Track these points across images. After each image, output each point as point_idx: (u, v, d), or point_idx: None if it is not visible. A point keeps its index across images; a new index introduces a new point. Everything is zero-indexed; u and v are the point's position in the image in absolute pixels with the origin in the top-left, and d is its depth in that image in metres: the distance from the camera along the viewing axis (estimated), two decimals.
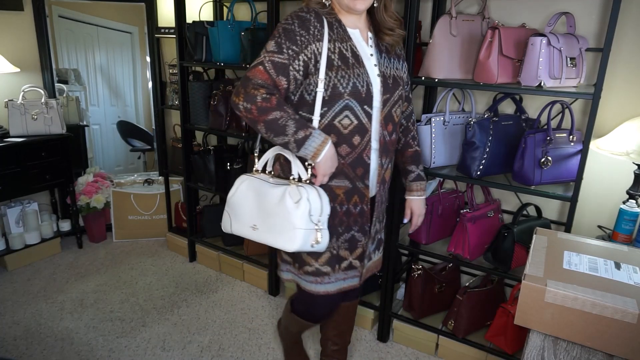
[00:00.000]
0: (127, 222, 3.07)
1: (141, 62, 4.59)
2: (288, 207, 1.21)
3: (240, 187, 1.31)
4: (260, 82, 1.16)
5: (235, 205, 1.31)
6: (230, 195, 1.32)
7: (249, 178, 1.31)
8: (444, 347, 1.95)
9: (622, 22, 1.55)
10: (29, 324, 2.14)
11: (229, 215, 1.33)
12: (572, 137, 1.62)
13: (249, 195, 1.29)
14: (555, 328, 0.93)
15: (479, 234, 1.79)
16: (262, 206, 1.26)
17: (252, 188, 1.29)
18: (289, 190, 1.22)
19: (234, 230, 1.33)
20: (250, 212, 1.29)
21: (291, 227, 1.21)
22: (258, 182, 1.30)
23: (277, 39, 1.18)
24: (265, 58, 1.17)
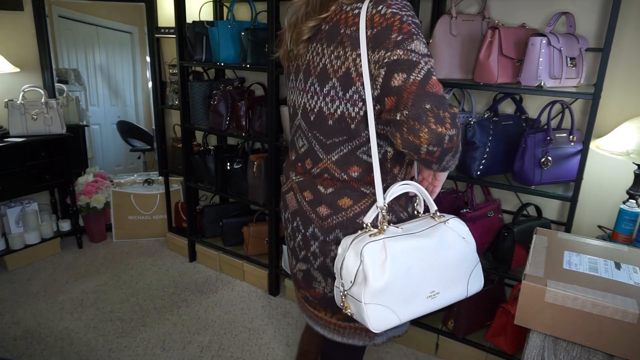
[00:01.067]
0: (127, 222, 3.07)
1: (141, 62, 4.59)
2: (462, 248, 0.98)
3: (388, 261, 0.88)
4: (442, 95, 0.85)
5: (393, 287, 0.89)
6: (376, 278, 0.88)
7: (385, 241, 0.90)
8: (444, 347, 1.95)
9: (622, 22, 1.55)
10: (29, 324, 2.13)
11: (386, 307, 0.90)
12: (572, 137, 1.62)
13: (405, 264, 0.91)
14: (555, 328, 0.93)
15: (479, 234, 1.79)
16: (431, 267, 0.94)
17: (402, 254, 0.90)
18: (453, 228, 0.99)
19: (405, 317, 0.93)
20: (421, 282, 0.93)
21: (472, 266, 1.00)
22: (403, 240, 0.92)
23: (421, 39, 0.87)
24: (428, 64, 0.86)
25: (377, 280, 0.87)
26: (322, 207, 1.03)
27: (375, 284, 0.87)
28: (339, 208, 1.01)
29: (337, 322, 1.12)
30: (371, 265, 0.87)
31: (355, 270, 0.89)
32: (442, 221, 0.98)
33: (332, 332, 1.13)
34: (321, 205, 1.03)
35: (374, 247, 0.88)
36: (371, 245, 0.88)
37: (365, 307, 0.88)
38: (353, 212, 1.00)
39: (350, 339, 1.13)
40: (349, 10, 0.92)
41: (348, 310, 0.93)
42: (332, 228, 1.02)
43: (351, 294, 0.90)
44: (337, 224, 1.01)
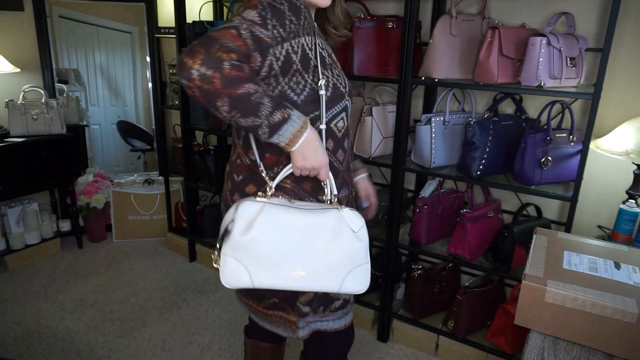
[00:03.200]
0: (127, 222, 3.07)
1: (141, 62, 4.59)
2: (349, 240, 0.94)
3: (258, 220, 0.90)
4: (232, 47, 0.84)
5: (254, 246, 0.90)
6: (240, 232, 0.90)
7: (265, 205, 0.92)
8: (444, 347, 1.95)
9: (622, 22, 1.55)
10: (29, 324, 2.14)
11: (241, 263, 0.91)
12: (572, 137, 1.62)
13: (277, 230, 0.91)
14: (555, 328, 0.93)
15: (479, 234, 1.79)
16: (304, 244, 0.92)
17: (278, 220, 0.91)
18: (345, 217, 0.95)
19: (259, 283, 0.93)
20: (287, 254, 0.92)
21: (356, 264, 0.96)
22: (285, 210, 0.93)
23: (260, 11, 0.89)
24: (242, 25, 0.87)
25: (240, 234, 0.89)
26: (237, 196, 1.06)
27: (237, 237, 0.90)
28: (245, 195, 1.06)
29: (264, 310, 1.15)
30: (241, 219, 0.90)
31: (227, 221, 0.92)
32: (336, 207, 0.96)
33: (262, 319, 1.17)
34: (235, 194, 1.07)
35: (251, 205, 0.92)
36: (249, 203, 0.92)
37: (223, 258, 0.91)
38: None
39: (277, 328, 1.15)
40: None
41: (216, 264, 0.94)
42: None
43: (219, 245, 0.93)
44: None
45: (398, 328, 2.05)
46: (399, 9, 2.00)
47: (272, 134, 0.89)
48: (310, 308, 1.11)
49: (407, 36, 1.69)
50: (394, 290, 2.13)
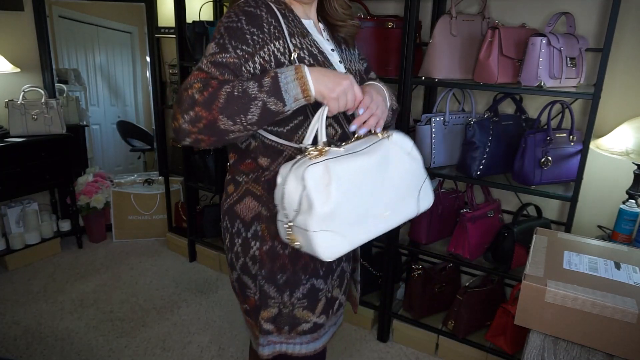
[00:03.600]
0: (127, 222, 3.07)
1: (141, 62, 4.59)
2: (408, 163, 0.95)
3: (333, 182, 0.81)
4: (192, 81, 0.85)
5: (341, 209, 0.83)
6: (321, 203, 0.80)
7: (327, 163, 0.82)
8: (444, 347, 1.95)
9: (622, 22, 1.55)
10: (29, 324, 2.14)
11: (334, 232, 0.83)
12: (572, 137, 1.62)
13: (353, 184, 0.84)
14: (555, 328, 0.93)
15: (479, 234, 1.79)
16: (379, 185, 0.89)
17: (348, 173, 0.84)
18: (397, 143, 0.94)
19: (357, 241, 0.88)
20: (371, 201, 0.88)
21: (420, 181, 0.97)
22: (347, 160, 0.85)
23: (218, 40, 0.89)
24: (203, 61, 0.88)
25: (323, 205, 0.80)
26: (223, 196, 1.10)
27: (322, 209, 0.80)
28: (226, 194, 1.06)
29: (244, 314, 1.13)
30: (315, 189, 0.79)
31: (298, 197, 0.81)
32: (385, 137, 0.92)
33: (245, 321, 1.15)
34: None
35: (316, 170, 0.80)
36: (313, 168, 0.80)
37: (313, 236, 0.80)
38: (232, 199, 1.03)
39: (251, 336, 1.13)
40: None
41: (296, 242, 0.84)
42: (223, 214, 1.07)
43: (297, 225, 0.82)
44: (224, 211, 1.06)
45: (398, 328, 2.05)
46: (399, 9, 2.00)
47: (281, 99, 0.82)
48: (273, 326, 1.04)
49: (407, 36, 1.69)
50: (394, 290, 2.13)
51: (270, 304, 1.03)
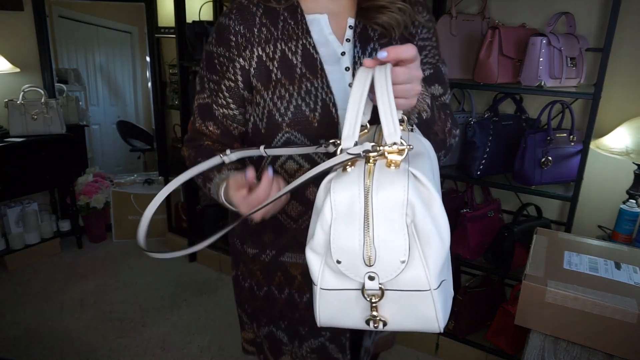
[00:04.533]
0: (127, 222, 3.06)
1: (141, 62, 4.59)
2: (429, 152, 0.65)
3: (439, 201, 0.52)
4: (187, 137, 0.90)
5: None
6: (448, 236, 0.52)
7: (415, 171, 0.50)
8: (444, 347, 1.95)
9: (622, 22, 1.55)
10: (29, 324, 2.13)
11: (447, 282, 0.54)
12: (572, 137, 1.62)
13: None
14: (555, 328, 0.93)
15: (479, 234, 1.79)
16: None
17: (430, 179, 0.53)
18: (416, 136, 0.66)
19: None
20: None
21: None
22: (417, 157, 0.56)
23: (200, 72, 0.87)
24: (194, 104, 0.89)
25: (443, 239, 0.50)
26: None
27: (443, 244, 0.50)
28: None
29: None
30: (429, 215, 0.49)
31: (405, 235, 0.48)
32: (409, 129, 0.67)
33: None
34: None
35: (414, 184, 0.49)
36: (413, 182, 0.49)
37: (433, 296, 0.50)
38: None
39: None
40: None
41: (381, 320, 0.52)
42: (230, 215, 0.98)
43: (399, 287, 0.50)
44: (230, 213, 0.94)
45: None
46: None
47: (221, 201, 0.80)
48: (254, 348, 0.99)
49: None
50: None
51: (246, 328, 1.01)
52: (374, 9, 0.81)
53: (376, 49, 0.82)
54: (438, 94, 0.86)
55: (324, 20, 0.83)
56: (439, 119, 0.78)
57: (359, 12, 0.83)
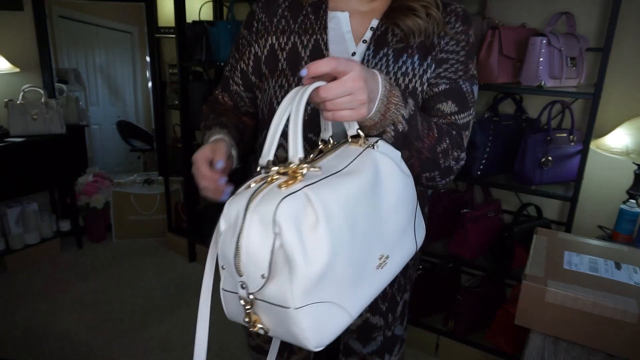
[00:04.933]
0: (127, 222, 3.06)
1: (141, 62, 4.59)
2: (400, 180, 0.66)
3: (324, 223, 0.51)
4: (210, 99, 0.99)
5: (333, 264, 0.53)
6: (305, 260, 0.50)
7: (307, 191, 0.52)
8: (444, 347, 1.95)
9: (622, 22, 1.55)
10: (29, 324, 2.13)
11: (329, 302, 0.54)
12: (573, 137, 1.62)
13: (344, 219, 0.55)
14: (555, 328, 0.93)
15: (479, 234, 1.79)
16: (374, 215, 0.61)
17: (335, 201, 0.54)
18: (379, 157, 0.64)
19: (356, 309, 0.59)
20: (366, 244, 0.59)
21: (413, 206, 0.70)
22: (330, 183, 0.55)
23: (233, 46, 0.95)
24: (226, 68, 0.96)
25: (311, 263, 0.50)
26: None
27: (310, 269, 0.49)
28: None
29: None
30: (296, 237, 0.49)
31: (267, 253, 0.49)
32: (369, 145, 0.63)
33: None
34: None
35: (294, 205, 0.49)
36: (289, 202, 0.49)
37: (297, 315, 0.50)
38: None
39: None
40: None
41: (259, 325, 0.54)
42: None
43: (266, 298, 0.51)
44: None
45: None
46: None
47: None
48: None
49: None
50: None
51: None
52: (402, 10, 0.79)
53: (388, 54, 0.80)
54: (449, 112, 0.81)
55: (344, 18, 0.82)
56: (428, 136, 0.73)
57: (387, 12, 0.82)
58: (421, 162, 0.74)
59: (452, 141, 0.78)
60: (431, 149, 0.74)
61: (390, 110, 0.66)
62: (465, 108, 0.83)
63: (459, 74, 0.82)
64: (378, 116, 0.65)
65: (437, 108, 0.81)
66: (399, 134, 0.70)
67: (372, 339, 0.93)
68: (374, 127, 0.66)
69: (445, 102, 0.81)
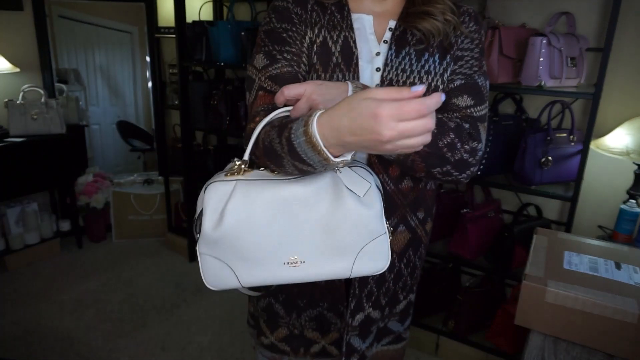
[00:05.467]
0: (127, 222, 3.06)
1: (141, 62, 4.59)
2: (354, 209, 0.69)
3: (231, 206, 0.69)
4: (261, 109, 0.79)
5: (232, 239, 0.70)
6: (212, 225, 0.69)
7: (237, 184, 0.70)
8: (444, 347, 1.95)
9: (622, 22, 1.55)
10: (29, 324, 2.13)
11: (222, 261, 0.73)
12: (573, 137, 1.62)
13: (257, 214, 0.69)
14: (555, 328, 0.93)
15: (479, 234, 1.79)
16: (295, 223, 0.70)
17: (256, 200, 0.69)
18: (343, 179, 0.70)
19: (248, 281, 0.74)
20: (276, 240, 0.70)
21: (368, 237, 0.72)
22: (264, 185, 0.70)
23: (263, 49, 0.82)
24: (261, 79, 0.81)
25: (211, 229, 0.70)
26: None
27: (209, 232, 0.70)
28: None
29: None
30: (210, 208, 0.70)
31: (198, 211, 0.74)
32: (333, 165, 0.63)
33: None
34: None
35: (220, 188, 0.70)
36: (218, 185, 0.71)
37: (199, 257, 0.74)
38: None
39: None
40: None
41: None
42: None
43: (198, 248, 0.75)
44: None
45: None
46: None
47: (306, 163, 0.62)
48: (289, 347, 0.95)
49: None
50: None
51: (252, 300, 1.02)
52: (419, 14, 0.81)
53: (410, 53, 0.82)
54: (464, 105, 0.83)
55: (368, 20, 0.84)
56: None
57: (403, 16, 0.84)
58: (423, 158, 0.74)
59: (460, 134, 0.77)
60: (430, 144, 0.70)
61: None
62: (481, 101, 0.83)
63: (474, 69, 0.84)
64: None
65: (453, 102, 0.82)
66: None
67: (370, 332, 0.95)
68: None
69: (460, 97, 0.83)
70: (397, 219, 0.88)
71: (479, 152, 0.80)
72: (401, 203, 0.87)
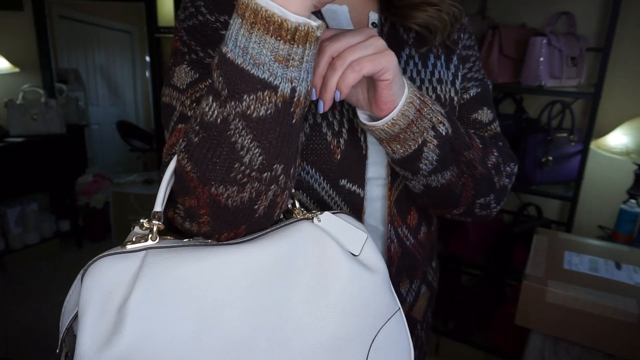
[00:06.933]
0: (127, 222, 3.06)
1: (141, 62, 4.59)
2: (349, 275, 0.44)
3: (134, 301, 0.37)
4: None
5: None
6: (95, 346, 0.35)
7: (149, 253, 0.40)
8: (444, 347, 1.95)
9: (623, 21, 1.55)
10: (29, 324, 2.13)
11: None
12: (573, 137, 1.62)
13: (185, 314, 0.38)
14: (555, 328, 0.93)
15: (479, 234, 1.79)
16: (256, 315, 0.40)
17: (183, 283, 0.39)
18: (328, 231, 0.46)
19: None
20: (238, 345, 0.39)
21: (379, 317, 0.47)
22: (191, 252, 0.42)
23: (186, 57, 0.53)
24: (185, 103, 0.51)
25: (94, 350, 0.35)
26: None
27: (90, 356, 0.35)
28: None
29: None
30: (92, 310, 0.36)
31: (70, 314, 0.39)
32: (308, 216, 0.46)
33: None
34: None
35: (114, 269, 0.38)
36: (110, 263, 0.38)
37: None
38: None
39: None
40: None
41: None
42: None
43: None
44: None
45: None
46: None
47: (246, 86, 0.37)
48: None
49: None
50: None
51: None
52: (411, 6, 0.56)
53: (413, 55, 0.58)
54: (487, 121, 0.65)
55: (343, 12, 0.57)
56: (472, 146, 0.54)
57: (385, 8, 0.59)
58: (475, 182, 0.55)
59: (501, 153, 0.60)
60: (481, 162, 0.54)
61: (426, 105, 0.48)
62: (495, 111, 0.68)
63: (482, 71, 0.66)
64: (413, 111, 0.47)
65: (474, 119, 0.63)
66: (443, 141, 0.50)
67: None
68: (409, 131, 0.47)
69: (481, 110, 0.64)
70: (420, 280, 0.67)
71: (514, 176, 0.63)
72: (422, 258, 0.66)
